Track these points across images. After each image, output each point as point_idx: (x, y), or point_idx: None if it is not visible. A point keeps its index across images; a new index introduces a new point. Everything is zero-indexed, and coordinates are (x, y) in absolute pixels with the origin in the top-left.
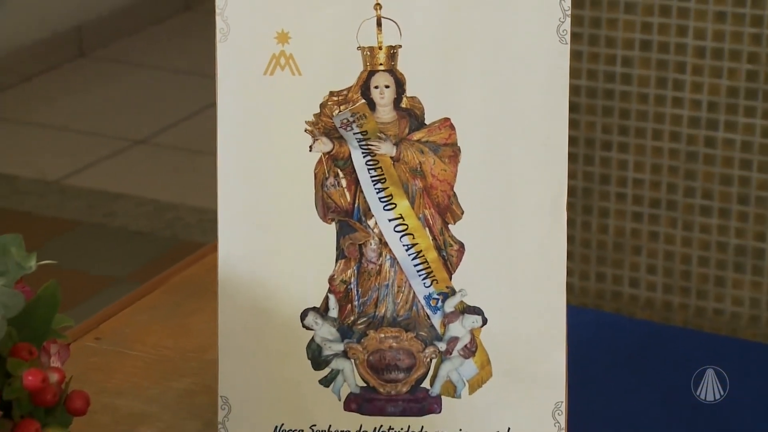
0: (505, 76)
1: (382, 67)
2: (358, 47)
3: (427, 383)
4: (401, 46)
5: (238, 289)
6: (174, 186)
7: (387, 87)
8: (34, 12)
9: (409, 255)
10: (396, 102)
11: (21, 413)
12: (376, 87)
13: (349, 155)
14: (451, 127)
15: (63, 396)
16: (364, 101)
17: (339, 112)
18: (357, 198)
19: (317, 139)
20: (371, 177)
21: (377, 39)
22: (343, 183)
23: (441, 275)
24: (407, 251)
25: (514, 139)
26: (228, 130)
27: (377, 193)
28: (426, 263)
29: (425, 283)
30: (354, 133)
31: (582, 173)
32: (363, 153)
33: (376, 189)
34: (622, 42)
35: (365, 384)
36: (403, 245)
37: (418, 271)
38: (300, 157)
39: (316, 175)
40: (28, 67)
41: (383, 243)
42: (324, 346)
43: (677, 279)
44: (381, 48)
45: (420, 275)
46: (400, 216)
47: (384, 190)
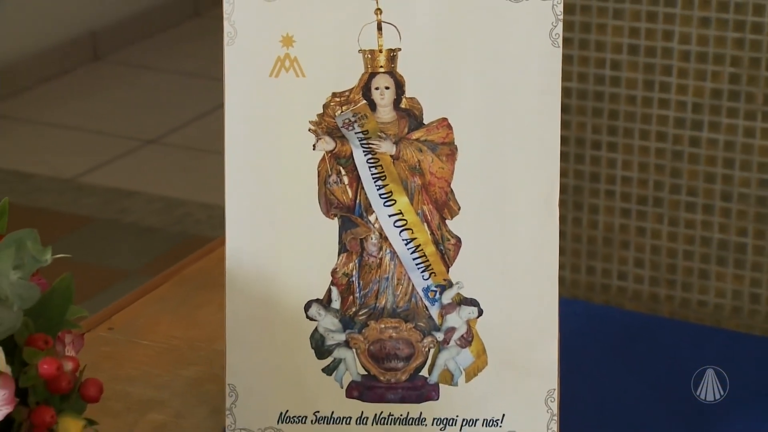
0: (501, 78)
1: (382, 70)
2: (359, 50)
3: (426, 371)
4: (401, 49)
5: (244, 282)
6: (183, 183)
7: (387, 88)
8: (51, 18)
9: (408, 249)
10: (396, 102)
11: (37, 400)
12: (376, 88)
13: (351, 154)
14: (449, 127)
15: (77, 383)
16: (365, 102)
17: (341, 112)
18: (358, 194)
19: (320, 138)
20: (372, 174)
21: (378, 42)
22: (345, 180)
23: (439, 268)
24: (406, 245)
25: (508, 139)
26: (235, 129)
27: (378, 190)
28: (424, 257)
29: (423, 276)
30: (355, 133)
31: (573, 171)
32: (364, 151)
33: (376, 186)
34: (611, 46)
35: (366, 372)
36: (403, 240)
37: (416, 265)
38: (304, 156)
39: (319, 173)
40: (45, 71)
41: (383, 237)
42: (327, 336)
43: (663, 272)
44: (381, 51)
45: (419, 268)
46: (399, 212)
47: (384, 187)
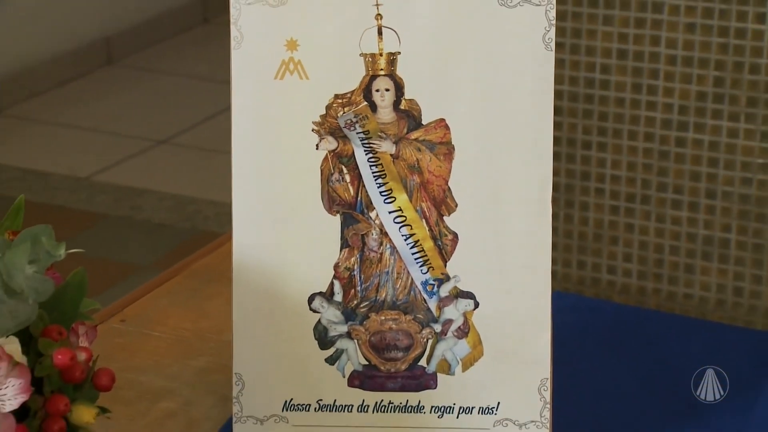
0: (496, 80)
1: (382, 72)
2: (360, 54)
3: (424, 361)
4: (400, 52)
5: (251, 276)
6: (193, 182)
7: (387, 90)
8: (66, 24)
9: (408, 244)
10: (395, 104)
11: (51, 389)
12: (377, 90)
13: (353, 153)
14: (446, 127)
15: (90, 373)
16: (366, 103)
17: (343, 113)
18: (360, 192)
19: (323, 138)
20: (373, 173)
21: (378, 46)
22: (347, 178)
23: (436, 263)
24: (406, 241)
25: (503, 139)
26: (242, 130)
27: (378, 188)
28: (423, 252)
29: (422, 270)
30: (357, 133)
31: (564, 170)
32: (365, 151)
33: (377, 184)
34: (600, 51)
35: (367, 362)
36: (402, 235)
37: (415, 259)
38: (307, 155)
39: (322, 171)
40: (60, 74)
41: (384, 233)
42: (329, 327)
43: (651, 266)
44: (382, 54)
45: (417, 263)
46: (399, 208)
47: (384, 184)
